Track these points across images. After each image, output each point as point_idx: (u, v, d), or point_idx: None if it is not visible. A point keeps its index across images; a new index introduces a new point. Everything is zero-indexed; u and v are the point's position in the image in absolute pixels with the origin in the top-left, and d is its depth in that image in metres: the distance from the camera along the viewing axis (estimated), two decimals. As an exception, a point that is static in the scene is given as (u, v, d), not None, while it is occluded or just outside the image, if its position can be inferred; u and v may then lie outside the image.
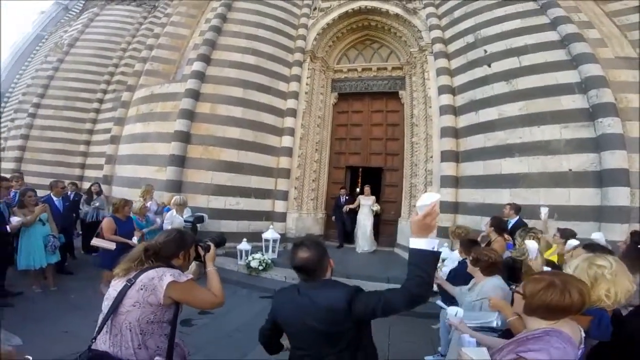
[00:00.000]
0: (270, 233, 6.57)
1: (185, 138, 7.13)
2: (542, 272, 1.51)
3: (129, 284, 1.47)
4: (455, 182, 6.43)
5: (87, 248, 6.10)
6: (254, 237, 6.63)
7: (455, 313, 1.63)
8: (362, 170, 9.31)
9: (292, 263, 1.53)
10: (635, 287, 1.56)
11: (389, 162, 8.41)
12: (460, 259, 3.31)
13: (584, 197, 4.93)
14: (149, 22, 12.16)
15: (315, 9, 8.94)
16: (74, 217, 6.08)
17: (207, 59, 7.68)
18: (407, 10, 8.11)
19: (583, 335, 1.32)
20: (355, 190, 9.21)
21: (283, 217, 7.64)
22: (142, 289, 1.46)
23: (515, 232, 3.30)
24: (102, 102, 11.11)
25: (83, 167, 10.45)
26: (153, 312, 1.47)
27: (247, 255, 6.10)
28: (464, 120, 6.58)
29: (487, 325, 2.31)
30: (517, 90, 5.83)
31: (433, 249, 1.22)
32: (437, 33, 7.46)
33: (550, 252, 3.30)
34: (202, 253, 1.83)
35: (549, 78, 5.60)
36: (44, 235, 4.34)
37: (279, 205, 7.64)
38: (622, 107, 5.05)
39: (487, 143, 6.02)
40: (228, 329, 3.85)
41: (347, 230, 7.76)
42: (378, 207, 7.41)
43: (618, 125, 4.91)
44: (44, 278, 4.51)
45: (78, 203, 6.31)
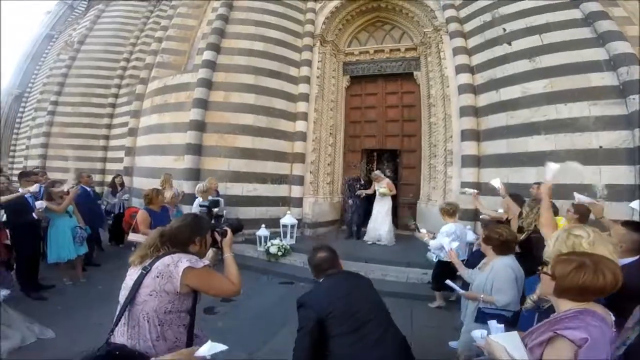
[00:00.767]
0: (288, 219, 6.62)
1: (201, 127, 7.17)
2: (570, 252, 1.45)
3: (145, 272, 1.42)
4: (477, 161, 6.25)
5: (114, 239, 6.32)
6: (272, 223, 6.68)
7: (480, 335, 1.58)
8: (377, 153, 9.15)
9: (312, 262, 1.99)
10: (616, 257, 1.52)
11: (406, 144, 8.21)
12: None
13: (617, 175, 4.67)
14: (156, 15, 12.09)
15: (323, -8, 8.59)
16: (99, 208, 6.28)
17: (217, 48, 7.60)
18: (417, -9, 7.69)
19: (613, 318, 1.30)
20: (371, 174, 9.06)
21: (299, 202, 7.66)
22: (158, 277, 1.40)
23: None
24: (117, 96, 11.26)
25: (104, 160, 10.74)
26: (170, 301, 1.42)
27: (266, 242, 6.19)
28: (485, 99, 6.33)
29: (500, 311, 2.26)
30: (541, 68, 5.58)
31: None
32: (451, 12, 7.13)
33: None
34: (218, 239, 1.76)
35: (575, 56, 5.32)
36: (72, 227, 4.39)
37: (295, 191, 7.66)
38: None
39: (510, 121, 5.78)
40: (250, 316, 3.94)
41: (356, 221, 7.14)
42: (384, 189, 6.76)
43: (652, 102, 4.60)
44: (73, 269, 4.60)
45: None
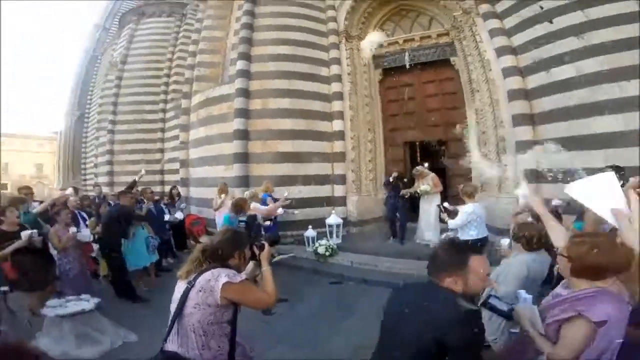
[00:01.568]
0: (333, 218, 6.74)
1: (245, 135, 7.53)
2: (583, 233, 1.52)
3: (190, 286, 1.52)
4: (534, 147, 5.81)
5: (177, 246, 6.88)
6: (318, 223, 6.84)
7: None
8: (420, 146, 8.84)
9: None
10: None
11: (451, 133, 7.84)
12: None
13: None
14: (184, 29, 12.66)
15: (339, -12, 8.44)
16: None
17: (247, 57, 7.86)
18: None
19: (628, 293, 1.34)
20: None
21: (343, 201, 7.75)
22: (200, 291, 1.50)
23: None
24: (165, 111, 12.18)
25: (162, 172, 11.69)
26: (212, 313, 1.51)
27: (313, 242, 6.36)
28: (534, 81, 5.91)
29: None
30: (592, 45, 5.13)
31: None
32: (479, -8, 6.66)
33: None
34: (257, 252, 1.83)
35: (629, 30, 4.80)
36: (145, 237, 4.97)
37: (338, 190, 7.75)
38: None
39: (568, 102, 5.33)
40: (304, 315, 4.10)
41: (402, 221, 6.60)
42: (426, 187, 6.29)
43: None
44: (148, 276, 5.12)
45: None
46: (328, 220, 6.73)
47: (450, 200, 7.46)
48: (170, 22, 13.55)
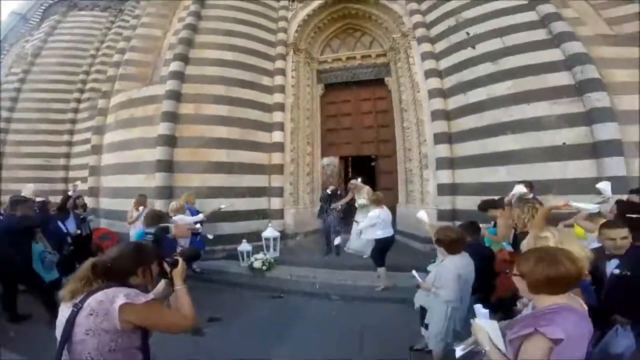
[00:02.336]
0: (270, 231, 6.44)
1: (171, 141, 6.87)
2: (530, 249, 1.56)
3: (76, 310, 1.28)
4: (451, 163, 6.47)
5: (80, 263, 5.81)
6: (254, 237, 6.47)
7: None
8: (353, 161, 9.23)
9: None
10: (589, 253, 1.77)
11: (382, 149, 8.37)
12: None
13: (581, 169, 5.01)
14: (117, 26, 11.68)
15: (294, 0, 8.69)
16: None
17: (185, 58, 7.40)
18: (385, -4, 7.99)
19: (586, 308, 1.38)
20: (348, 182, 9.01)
21: (280, 214, 7.50)
22: (91, 315, 1.27)
23: None
24: (77, 111, 10.58)
25: (66, 181, 9.92)
26: (112, 339, 1.28)
27: (248, 257, 5.96)
28: (454, 102, 6.61)
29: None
30: (504, 70, 5.92)
31: None
32: (418, 18, 7.45)
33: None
34: (168, 269, 1.60)
35: (534, 57, 5.71)
36: (40, 252, 4.13)
37: (275, 202, 7.50)
38: (607, 82, 5.19)
39: (479, 123, 6.07)
40: (240, 333, 3.74)
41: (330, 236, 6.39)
42: (364, 200, 5.94)
43: (606, 99, 5.05)
44: None
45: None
46: (264, 234, 6.40)
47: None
48: (103, 16, 12.28)
